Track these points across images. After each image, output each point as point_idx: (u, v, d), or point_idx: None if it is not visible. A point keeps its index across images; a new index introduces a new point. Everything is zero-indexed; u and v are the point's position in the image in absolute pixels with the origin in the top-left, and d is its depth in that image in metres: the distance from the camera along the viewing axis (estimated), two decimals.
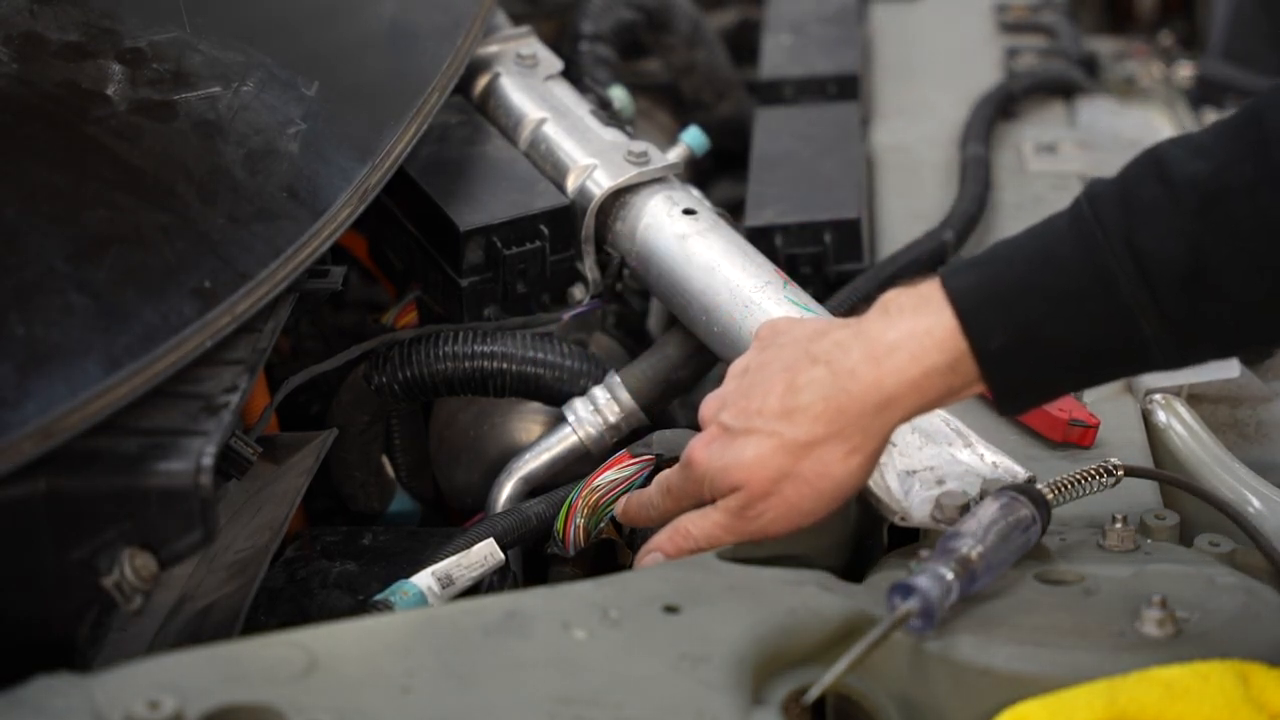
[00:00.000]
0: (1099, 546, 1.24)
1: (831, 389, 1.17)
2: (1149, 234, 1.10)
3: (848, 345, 1.17)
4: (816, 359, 1.18)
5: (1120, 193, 1.13)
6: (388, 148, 1.46)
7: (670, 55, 2.02)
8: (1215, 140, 1.11)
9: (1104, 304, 1.11)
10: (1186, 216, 1.09)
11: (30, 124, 1.28)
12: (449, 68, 1.60)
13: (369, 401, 1.55)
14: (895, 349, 1.15)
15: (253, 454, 1.28)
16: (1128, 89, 2.10)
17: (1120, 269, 1.10)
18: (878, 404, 1.16)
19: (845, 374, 1.17)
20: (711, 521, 1.22)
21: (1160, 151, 1.13)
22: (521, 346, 1.50)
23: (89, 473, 1.11)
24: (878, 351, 1.16)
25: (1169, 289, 1.10)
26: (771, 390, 1.19)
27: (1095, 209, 1.13)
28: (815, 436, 1.17)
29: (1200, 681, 1.06)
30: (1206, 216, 1.08)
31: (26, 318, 1.14)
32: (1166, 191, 1.10)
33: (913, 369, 1.15)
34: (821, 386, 1.17)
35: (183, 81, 1.37)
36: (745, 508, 1.21)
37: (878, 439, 1.18)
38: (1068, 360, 1.14)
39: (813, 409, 1.17)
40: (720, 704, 1.03)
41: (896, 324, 1.16)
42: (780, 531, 1.21)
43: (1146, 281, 1.10)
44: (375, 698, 1.02)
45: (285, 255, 1.30)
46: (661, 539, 1.25)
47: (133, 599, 1.11)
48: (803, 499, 1.19)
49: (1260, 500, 1.33)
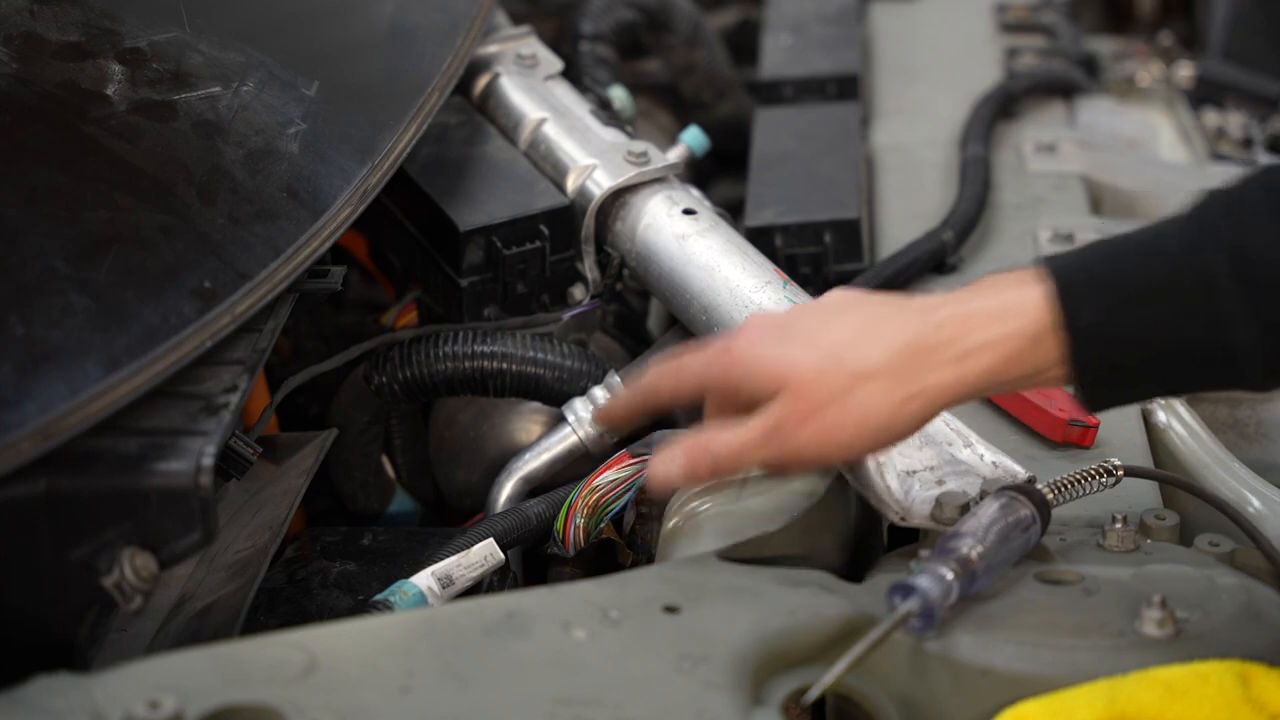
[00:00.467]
0: (1099, 546, 1.24)
1: (912, 334, 1.14)
2: (1253, 239, 1.10)
3: (936, 304, 1.16)
4: (903, 309, 1.16)
5: (1230, 199, 1.13)
6: (388, 148, 1.46)
7: (670, 55, 2.02)
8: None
9: (1199, 303, 1.10)
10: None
11: (30, 124, 1.28)
12: (449, 68, 1.60)
13: (369, 402, 1.55)
14: (983, 312, 1.14)
15: (253, 454, 1.28)
16: (1128, 89, 2.10)
17: (1219, 270, 1.10)
18: (955, 357, 1.14)
19: (931, 326, 1.14)
20: (737, 435, 1.16)
21: (1273, 169, 1.14)
22: (521, 347, 1.50)
23: (89, 473, 1.11)
24: (965, 311, 1.14)
25: (1266, 295, 1.09)
26: (846, 324, 1.16)
27: (1206, 211, 1.13)
28: (877, 368, 1.14)
29: (1200, 681, 1.06)
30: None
31: (26, 318, 1.14)
32: (1272, 200, 1.10)
33: (997, 330, 1.13)
34: (902, 331, 1.14)
35: (183, 81, 1.37)
36: (781, 420, 1.14)
37: (943, 396, 1.15)
38: (1156, 355, 1.13)
39: (887, 343, 1.14)
40: (720, 704, 1.03)
41: (988, 295, 1.15)
42: (808, 462, 1.16)
43: (1244, 285, 1.09)
44: (375, 698, 1.02)
45: (285, 255, 1.30)
46: (678, 451, 1.18)
47: (133, 599, 1.11)
48: (843, 428, 1.14)
49: (1260, 500, 1.33)
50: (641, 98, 1.97)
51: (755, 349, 1.17)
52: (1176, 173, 1.87)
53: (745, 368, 1.17)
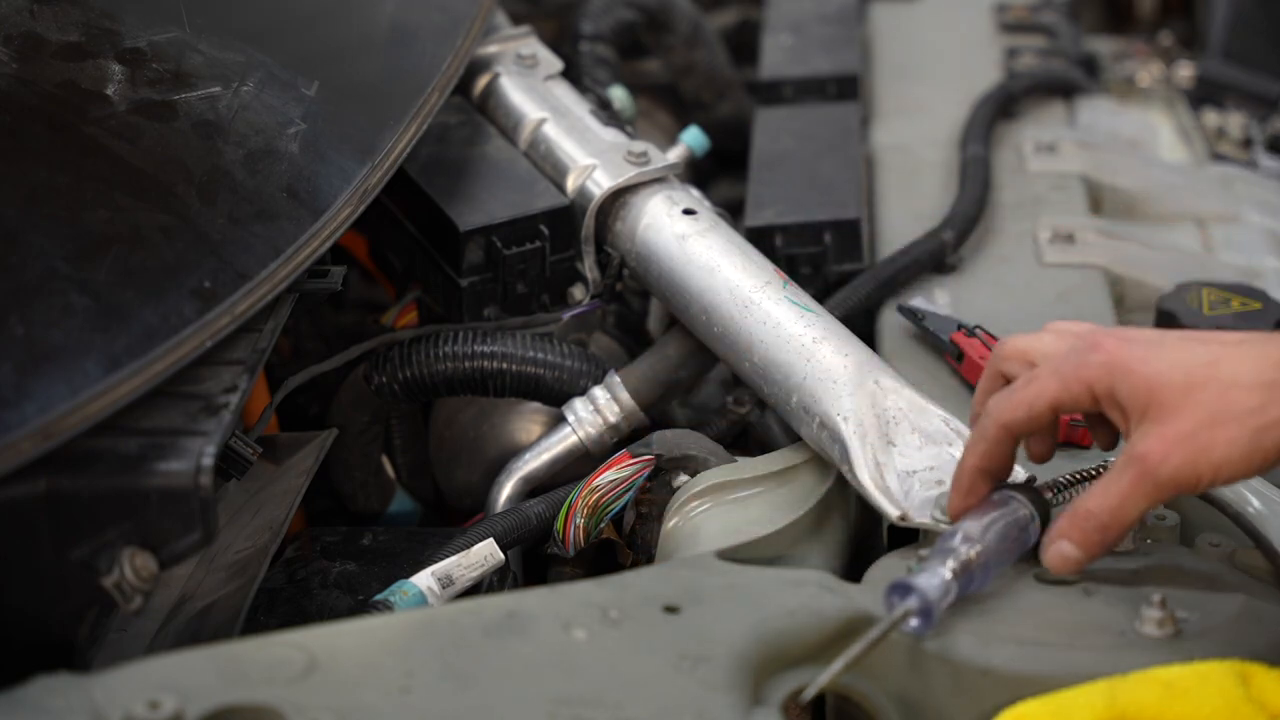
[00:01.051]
0: None
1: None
2: None
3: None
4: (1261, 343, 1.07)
5: None
6: (388, 148, 1.46)
7: (670, 55, 2.02)
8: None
9: None
10: None
11: (30, 124, 1.28)
12: (449, 68, 1.60)
13: (369, 402, 1.55)
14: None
15: (253, 454, 1.28)
16: (1127, 89, 2.10)
17: None
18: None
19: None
20: (1111, 490, 1.08)
21: None
22: (521, 347, 1.50)
23: (89, 473, 1.11)
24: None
25: None
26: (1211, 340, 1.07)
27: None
28: (1251, 382, 1.04)
29: (1200, 681, 1.06)
30: None
31: (26, 318, 1.14)
32: None
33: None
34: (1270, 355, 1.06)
35: (183, 82, 1.37)
36: (1146, 454, 1.05)
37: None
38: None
39: (1269, 358, 1.05)
40: (720, 704, 1.03)
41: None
42: (1183, 489, 1.06)
43: None
44: (375, 698, 1.02)
45: (285, 255, 1.30)
46: (1064, 527, 1.11)
47: (133, 599, 1.11)
48: (1214, 448, 1.04)
49: (1260, 500, 1.33)
50: (641, 98, 1.97)
51: (1124, 347, 1.08)
52: (1176, 173, 1.87)
53: (1115, 377, 1.07)
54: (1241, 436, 1.04)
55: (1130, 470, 1.07)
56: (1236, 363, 1.05)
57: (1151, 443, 1.05)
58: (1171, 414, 1.04)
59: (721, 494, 1.30)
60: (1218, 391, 1.04)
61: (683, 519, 1.29)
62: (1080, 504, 1.11)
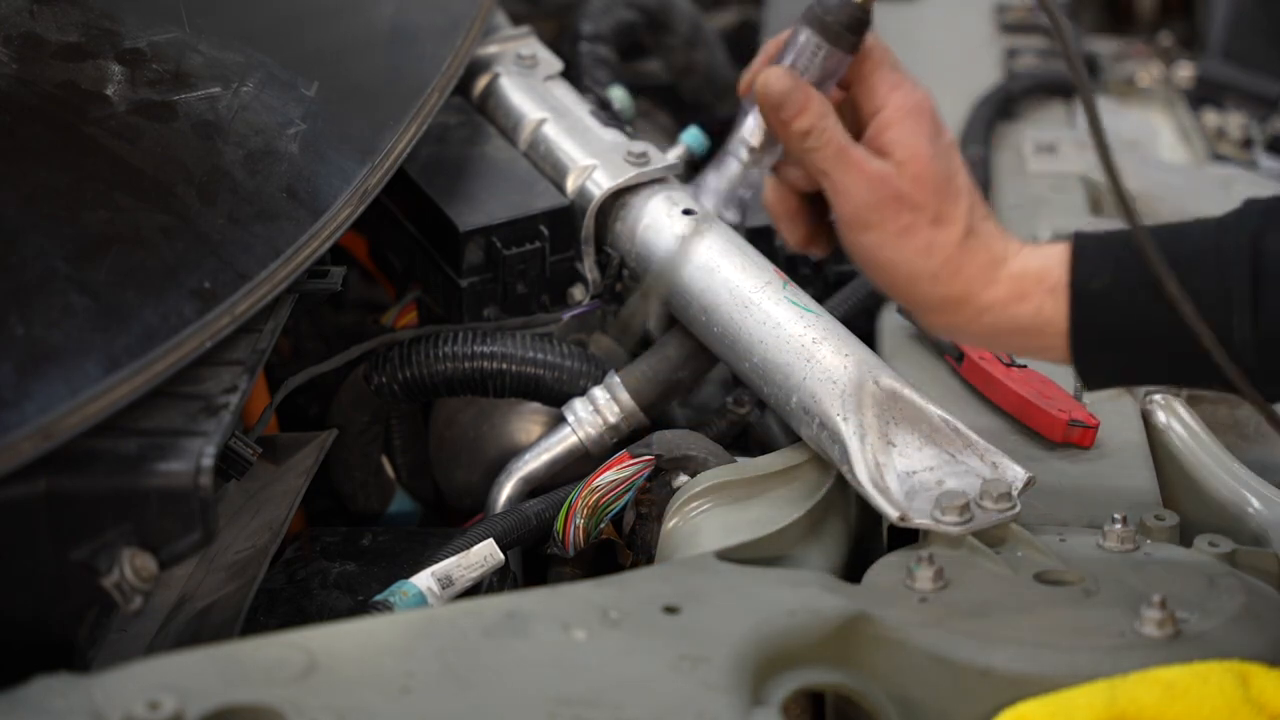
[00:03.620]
0: (1099, 547, 1.24)
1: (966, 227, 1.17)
2: (1275, 237, 1.10)
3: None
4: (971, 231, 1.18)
5: (1269, 202, 1.14)
6: (388, 148, 1.46)
7: (670, 56, 2.02)
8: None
9: (1209, 284, 1.11)
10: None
11: (30, 124, 1.28)
12: (449, 68, 1.60)
13: (369, 402, 1.55)
14: (1021, 253, 1.17)
15: (252, 454, 1.28)
16: (1127, 89, 2.10)
17: (1237, 257, 1.10)
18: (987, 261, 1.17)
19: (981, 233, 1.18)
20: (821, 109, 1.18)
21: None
22: (521, 347, 1.50)
23: (89, 473, 1.11)
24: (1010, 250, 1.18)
25: (1272, 291, 1.10)
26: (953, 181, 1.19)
27: (1244, 209, 1.14)
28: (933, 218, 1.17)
29: (1200, 682, 1.06)
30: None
31: (26, 318, 1.14)
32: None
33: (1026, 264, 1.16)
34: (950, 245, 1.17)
35: (182, 82, 1.37)
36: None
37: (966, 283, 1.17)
38: (1156, 336, 1.13)
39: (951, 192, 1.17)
40: (720, 705, 1.03)
41: (1032, 245, 1.18)
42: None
43: (1255, 275, 1.10)
44: (375, 698, 1.02)
45: (285, 256, 1.30)
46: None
47: (132, 599, 1.11)
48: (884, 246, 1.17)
49: (1260, 500, 1.33)
50: (641, 98, 1.97)
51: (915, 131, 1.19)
52: (1176, 173, 1.87)
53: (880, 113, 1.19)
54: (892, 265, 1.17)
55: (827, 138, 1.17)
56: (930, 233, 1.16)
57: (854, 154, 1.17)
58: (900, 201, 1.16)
59: (721, 494, 1.30)
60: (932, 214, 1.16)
61: (682, 519, 1.29)
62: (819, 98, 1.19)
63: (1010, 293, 1.16)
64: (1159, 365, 1.17)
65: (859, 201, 1.16)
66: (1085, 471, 1.37)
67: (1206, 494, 1.36)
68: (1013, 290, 1.16)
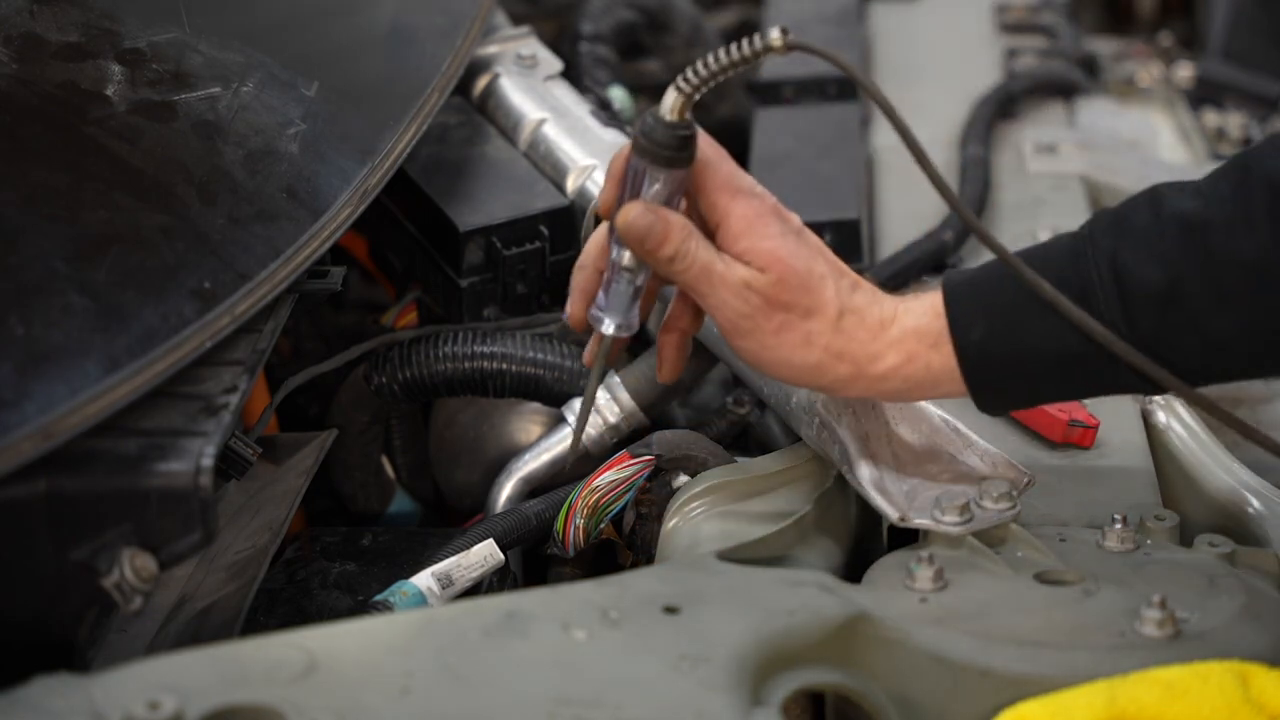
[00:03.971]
0: (1099, 547, 1.24)
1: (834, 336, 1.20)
2: (1131, 255, 1.16)
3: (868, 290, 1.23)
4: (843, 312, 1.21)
5: (1116, 217, 1.19)
6: (387, 148, 1.46)
7: (670, 56, 2.02)
8: (1208, 183, 1.18)
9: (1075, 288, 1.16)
10: (1168, 244, 1.15)
11: (30, 124, 1.28)
12: (449, 68, 1.60)
13: (369, 402, 1.55)
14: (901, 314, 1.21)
15: (252, 455, 1.28)
16: (1127, 89, 2.10)
17: (1100, 282, 1.16)
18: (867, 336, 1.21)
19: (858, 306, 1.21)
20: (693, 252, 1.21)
21: (1160, 188, 1.19)
22: (521, 347, 1.50)
23: (89, 473, 1.11)
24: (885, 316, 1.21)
25: (1142, 308, 1.15)
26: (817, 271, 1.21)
27: (1093, 228, 1.19)
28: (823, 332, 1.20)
29: (1200, 682, 1.06)
30: (1185, 246, 1.15)
31: (26, 318, 1.14)
32: (1155, 220, 1.16)
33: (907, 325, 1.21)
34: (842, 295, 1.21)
35: (182, 82, 1.37)
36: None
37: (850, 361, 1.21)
38: (1042, 362, 1.19)
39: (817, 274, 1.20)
40: (720, 705, 1.03)
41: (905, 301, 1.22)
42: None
43: (1121, 297, 1.15)
44: (375, 698, 1.02)
45: (285, 256, 1.30)
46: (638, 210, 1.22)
47: (132, 600, 1.11)
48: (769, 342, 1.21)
49: (1260, 500, 1.33)
50: (641, 98, 1.97)
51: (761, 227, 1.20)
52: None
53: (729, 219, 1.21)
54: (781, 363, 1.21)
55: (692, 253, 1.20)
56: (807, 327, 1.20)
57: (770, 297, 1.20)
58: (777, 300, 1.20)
59: (721, 494, 1.30)
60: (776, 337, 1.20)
61: (682, 519, 1.29)
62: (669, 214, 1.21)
63: (898, 358, 1.20)
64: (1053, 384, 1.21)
65: (732, 312, 1.20)
66: (1085, 471, 1.37)
67: (1206, 494, 1.36)
68: (900, 356, 1.20)
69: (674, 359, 1.30)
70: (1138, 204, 1.19)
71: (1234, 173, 1.16)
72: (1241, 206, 1.14)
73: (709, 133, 1.68)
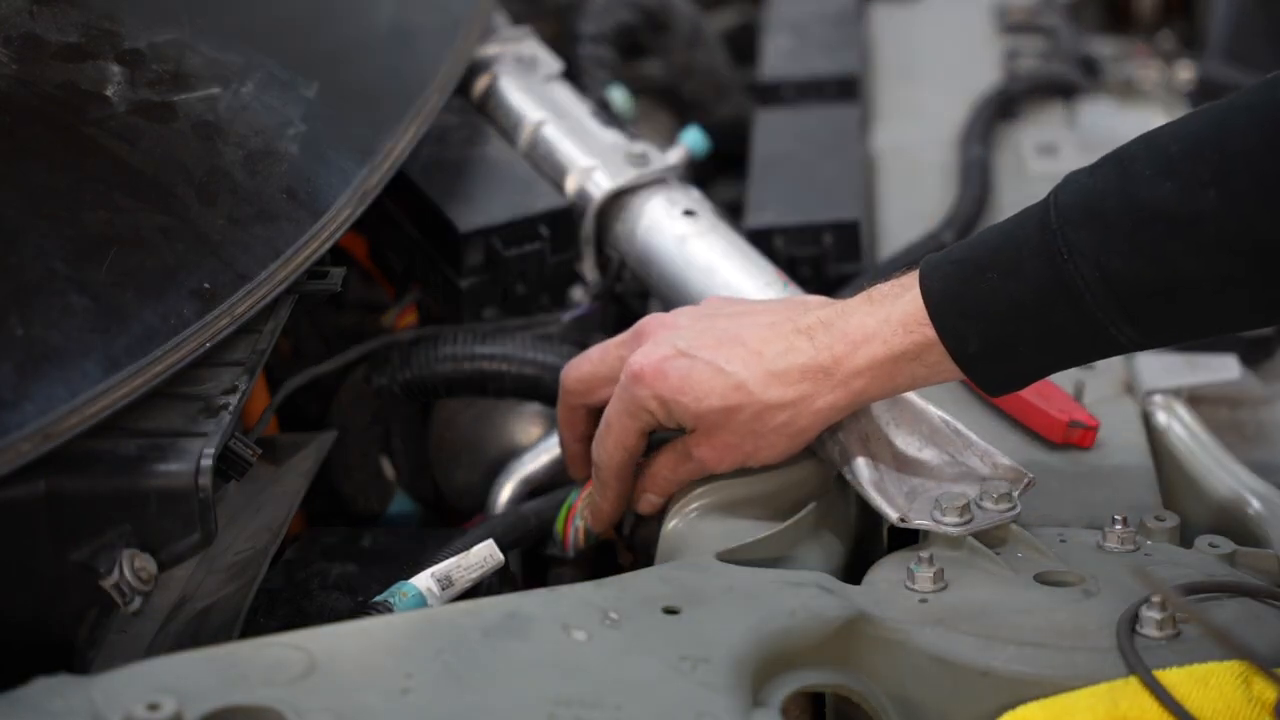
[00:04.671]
0: (1099, 547, 1.24)
1: (811, 361, 1.23)
2: (1118, 256, 1.13)
3: (830, 321, 1.24)
4: (800, 330, 1.24)
5: (1086, 208, 1.15)
6: (387, 149, 1.46)
7: (670, 57, 2.02)
8: (1182, 158, 1.12)
9: (1073, 314, 1.16)
10: (1156, 240, 1.12)
11: (30, 125, 1.28)
12: (449, 68, 1.60)
13: (369, 403, 1.55)
14: (872, 336, 1.21)
15: (252, 455, 1.27)
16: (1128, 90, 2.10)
17: (1088, 287, 1.14)
18: (843, 380, 1.23)
19: (824, 348, 1.22)
20: (678, 470, 1.29)
21: (1126, 163, 1.15)
22: (521, 348, 1.50)
23: (88, 474, 1.11)
24: (856, 336, 1.22)
25: (1139, 303, 1.14)
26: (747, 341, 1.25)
27: (1062, 222, 1.15)
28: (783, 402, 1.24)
29: (1200, 683, 1.06)
30: (1176, 241, 1.12)
31: (26, 318, 1.14)
32: (1133, 213, 1.13)
33: (883, 352, 1.21)
34: (801, 354, 1.23)
35: (182, 82, 1.37)
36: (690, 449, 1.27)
37: (840, 404, 1.24)
38: (1042, 356, 1.21)
39: (789, 375, 1.23)
40: (720, 705, 1.03)
41: (876, 311, 1.22)
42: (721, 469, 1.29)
43: (1116, 298, 1.14)
44: (375, 699, 1.02)
45: (285, 256, 1.30)
46: (644, 484, 1.32)
47: (132, 600, 1.11)
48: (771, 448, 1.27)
49: (1260, 500, 1.33)
50: (641, 98, 1.97)
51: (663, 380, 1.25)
52: None
53: (667, 407, 1.26)
54: (779, 442, 1.26)
55: (691, 464, 1.28)
56: (765, 384, 1.23)
57: (704, 451, 1.27)
58: (719, 430, 1.25)
59: (721, 495, 1.30)
60: (753, 413, 1.24)
61: (682, 520, 1.29)
62: (650, 467, 1.31)
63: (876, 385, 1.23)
64: (1037, 352, 1.21)
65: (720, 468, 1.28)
66: (1085, 472, 1.37)
67: (1206, 494, 1.36)
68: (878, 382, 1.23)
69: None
70: (1106, 188, 1.14)
71: (1209, 152, 1.11)
72: (1225, 193, 1.10)
73: (709, 133, 1.69)
